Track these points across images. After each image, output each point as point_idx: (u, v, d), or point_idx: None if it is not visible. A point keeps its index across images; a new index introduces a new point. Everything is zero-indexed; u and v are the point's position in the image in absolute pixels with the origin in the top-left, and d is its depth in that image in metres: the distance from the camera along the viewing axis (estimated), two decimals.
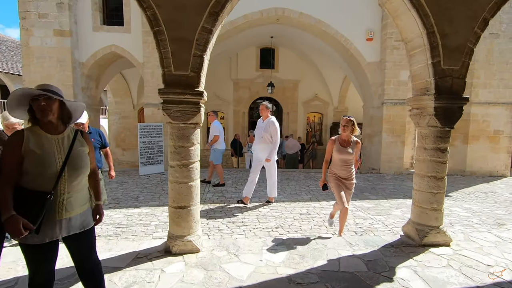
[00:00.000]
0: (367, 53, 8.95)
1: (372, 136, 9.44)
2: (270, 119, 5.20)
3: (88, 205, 1.85)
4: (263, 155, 5.21)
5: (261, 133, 5.15)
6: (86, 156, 1.79)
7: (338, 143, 3.54)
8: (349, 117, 3.52)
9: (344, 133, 3.48)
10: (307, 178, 7.99)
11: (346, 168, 3.55)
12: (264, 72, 13.24)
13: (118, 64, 10.14)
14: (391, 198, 6.10)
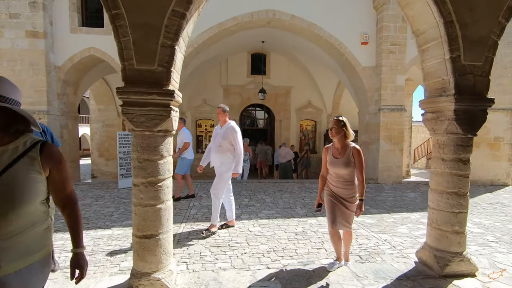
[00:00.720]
0: (362, 57, 8.56)
1: (369, 144, 8.98)
2: (229, 124, 4.33)
3: (42, 255, 1.25)
4: (225, 168, 4.25)
5: (219, 141, 4.24)
6: (32, 182, 1.21)
7: (331, 153, 2.86)
8: (339, 117, 2.81)
9: (334, 138, 2.79)
10: (302, 189, 7.43)
11: (343, 185, 2.79)
12: (256, 78, 12.78)
13: (99, 69, 9.51)
14: (393, 212, 5.57)
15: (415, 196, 7.01)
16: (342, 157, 2.74)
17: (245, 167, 9.74)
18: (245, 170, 9.79)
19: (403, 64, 8.30)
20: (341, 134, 2.76)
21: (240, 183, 8.11)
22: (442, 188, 2.75)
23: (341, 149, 2.79)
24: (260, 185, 7.85)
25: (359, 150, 2.75)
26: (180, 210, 5.41)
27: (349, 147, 2.76)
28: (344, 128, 2.76)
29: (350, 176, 2.77)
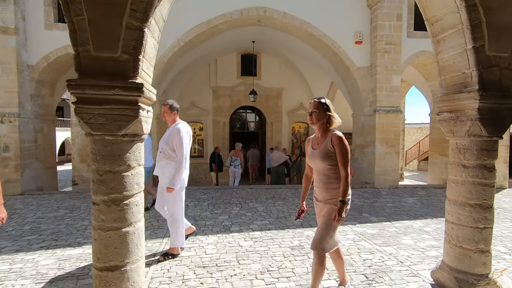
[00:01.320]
0: (356, 57, 8.26)
1: (364, 147, 8.66)
2: (176, 125, 3.45)
3: None
4: (166, 180, 3.38)
5: (161, 146, 3.47)
6: None
7: (311, 144, 2.38)
8: (320, 99, 2.29)
9: (314, 126, 2.27)
10: (295, 196, 7.01)
11: (321, 183, 2.28)
12: (246, 79, 12.37)
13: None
14: (394, 220, 5.21)
15: (414, 201, 6.68)
16: (320, 147, 2.24)
17: (236, 173, 9.28)
18: (237, 176, 9.33)
19: (398, 64, 8.03)
20: (323, 121, 2.24)
21: (230, 190, 7.64)
22: (464, 200, 2.36)
23: (320, 137, 2.28)
24: (251, 192, 7.40)
25: (341, 138, 2.19)
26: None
27: (329, 134, 2.23)
28: (327, 112, 2.24)
29: (330, 172, 2.20)
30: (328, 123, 2.26)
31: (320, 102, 2.28)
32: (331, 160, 2.19)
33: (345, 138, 2.26)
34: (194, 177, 12.81)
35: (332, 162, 2.19)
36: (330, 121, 2.26)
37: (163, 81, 8.61)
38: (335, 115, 2.28)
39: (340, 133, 2.26)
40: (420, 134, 19.03)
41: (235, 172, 9.30)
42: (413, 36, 8.37)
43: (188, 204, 6.03)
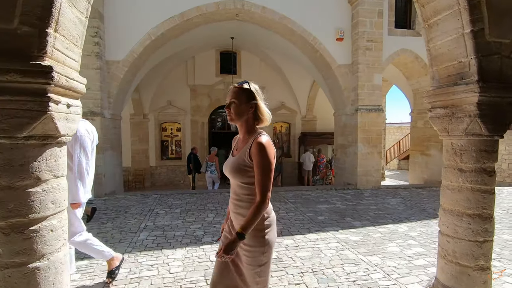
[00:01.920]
0: (337, 54, 8.01)
1: (346, 147, 8.43)
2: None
3: None
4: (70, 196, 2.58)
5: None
6: None
7: (233, 147, 1.78)
8: (243, 83, 1.63)
9: (233, 123, 1.65)
10: (275, 199, 6.63)
11: (231, 205, 1.69)
12: (225, 77, 11.90)
13: None
14: (378, 224, 4.93)
15: (397, 202, 6.48)
16: (237, 155, 1.63)
17: (214, 178, 8.80)
18: (215, 180, 8.85)
19: (380, 62, 7.85)
20: (247, 116, 1.60)
21: (206, 194, 7.16)
22: (461, 209, 2.04)
23: (242, 141, 1.67)
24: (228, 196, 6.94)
25: (263, 145, 1.50)
26: (126, 233, 4.37)
27: (252, 138, 1.58)
28: (252, 101, 1.58)
29: (243, 192, 1.59)
30: (255, 120, 1.61)
31: (241, 88, 1.59)
32: (246, 176, 1.54)
33: (272, 145, 1.56)
34: (172, 180, 12.20)
35: (246, 179, 1.55)
36: (257, 117, 1.61)
37: (134, 78, 7.99)
38: (264, 109, 1.61)
39: (265, 137, 1.55)
40: (400, 133, 19.27)
41: (212, 178, 8.82)
42: (394, 34, 8.23)
43: (158, 212, 5.51)
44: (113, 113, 7.37)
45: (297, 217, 5.25)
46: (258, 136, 1.56)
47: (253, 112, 1.61)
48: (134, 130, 11.74)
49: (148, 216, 5.25)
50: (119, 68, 7.11)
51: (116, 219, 5.10)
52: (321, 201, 6.54)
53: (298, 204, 6.18)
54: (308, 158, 10.69)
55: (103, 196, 6.78)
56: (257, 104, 1.60)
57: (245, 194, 1.59)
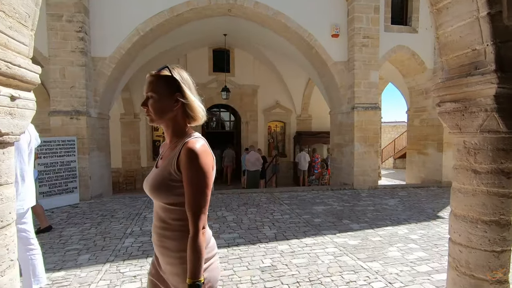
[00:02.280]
0: (333, 51, 7.80)
1: (343, 146, 8.23)
2: None
3: None
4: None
5: None
6: None
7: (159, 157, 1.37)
8: (162, 69, 1.22)
9: (153, 123, 1.25)
10: (270, 201, 6.40)
11: (154, 235, 1.26)
12: (219, 76, 11.63)
13: None
14: (377, 226, 4.72)
15: (395, 203, 6.29)
16: (161, 166, 1.24)
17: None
18: None
19: (376, 59, 7.66)
20: (172, 114, 1.20)
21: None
22: (475, 215, 1.82)
23: (169, 148, 1.27)
24: (222, 198, 6.70)
25: (195, 152, 1.12)
26: (111, 239, 4.09)
27: (181, 143, 1.19)
28: (179, 92, 1.18)
29: (169, 216, 1.19)
30: (185, 118, 1.21)
31: (161, 76, 1.19)
32: (173, 194, 1.15)
33: (209, 152, 1.17)
34: None
35: (173, 198, 1.15)
36: (187, 114, 1.21)
37: (123, 76, 7.68)
38: (196, 101, 1.20)
39: (199, 141, 1.16)
40: (395, 132, 19.18)
41: None
42: (390, 30, 8.05)
43: (146, 216, 5.23)
44: (100, 112, 7.05)
45: (292, 220, 5.02)
46: (188, 140, 1.15)
47: (180, 108, 1.19)
48: (125, 130, 11.40)
49: (136, 221, 4.97)
50: (106, 65, 6.79)
51: (101, 224, 4.81)
52: (317, 202, 6.32)
53: (293, 206, 5.95)
54: (303, 158, 10.49)
55: (89, 199, 6.47)
56: (184, 97, 1.17)
57: (174, 219, 1.17)
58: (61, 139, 5.90)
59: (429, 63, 8.38)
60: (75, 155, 6.11)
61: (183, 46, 10.19)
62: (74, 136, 6.16)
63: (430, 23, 7.93)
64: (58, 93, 6.28)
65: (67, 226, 4.72)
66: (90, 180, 6.49)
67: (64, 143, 5.91)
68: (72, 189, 6.05)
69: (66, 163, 5.95)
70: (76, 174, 6.13)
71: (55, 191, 5.79)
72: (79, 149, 6.30)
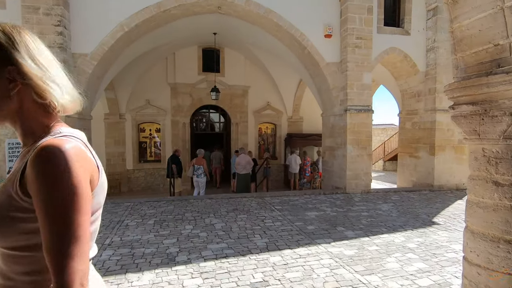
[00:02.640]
0: (326, 52, 7.62)
1: (335, 149, 8.05)
2: None
3: None
4: None
5: None
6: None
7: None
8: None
9: None
10: (261, 206, 6.13)
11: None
12: (208, 76, 11.29)
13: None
14: (373, 234, 4.52)
15: (389, 208, 6.13)
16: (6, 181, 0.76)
17: (201, 182, 8.22)
18: (201, 186, 8.27)
19: (369, 60, 7.52)
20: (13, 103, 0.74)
21: (185, 201, 6.55)
22: (497, 233, 1.60)
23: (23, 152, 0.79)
24: (210, 203, 6.38)
25: (51, 158, 0.67)
26: None
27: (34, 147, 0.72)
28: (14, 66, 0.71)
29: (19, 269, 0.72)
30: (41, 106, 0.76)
31: None
32: (18, 232, 0.71)
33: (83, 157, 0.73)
34: (151, 184, 11.46)
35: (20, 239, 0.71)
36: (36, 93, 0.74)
37: (106, 74, 7.27)
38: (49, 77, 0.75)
39: (65, 142, 0.71)
40: (385, 135, 19.28)
41: (199, 182, 8.25)
42: (383, 32, 7.95)
43: (128, 224, 4.87)
44: (80, 112, 6.61)
45: (284, 227, 4.77)
46: (44, 142, 0.71)
47: (25, 91, 0.73)
48: (109, 131, 10.92)
49: (116, 229, 4.61)
50: (87, 62, 6.39)
51: None
52: (310, 207, 6.10)
53: (285, 212, 5.71)
54: (294, 160, 10.27)
55: None
56: (22, 72, 0.72)
57: (22, 274, 0.72)
58: None
59: (421, 65, 8.32)
60: None
61: (172, 44, 9.83)
62: None
63: (422, 25, 7.85)
64: None
65: None
66: None
67: None
68: None
69: None
70: None
71: None
72: None
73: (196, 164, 8.16)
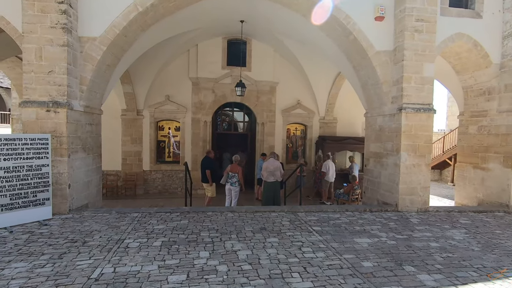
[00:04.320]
0: (376, 37, 6.26)
1: (383, 156, 6.65)
2: None
3: None
4: None
5: None
6: None
7: None
8: None
9: None
10: (296, 225, 4.90)
11: None
12: (233, 70, 10.25)
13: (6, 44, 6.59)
14: (461, 282, 3.16)
15: (463, 237, 4.68)
16: None
17: (234, 191, 7.21)
18: (234, 195, 7.25)
19: (432, 48, 6.07)
20: None
21: (202, 214, 5.46)
22: None
23: None
24: (232, 217, 5.25)
25: None
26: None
27: None
28: None
29: None
30: None
31: None
32: None
33: None
34: (168, 187, 10.58)
35: None
36: None
37: (118, 62, 6.38)
38: None
39: None
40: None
41: (232, 190, 7.23)
42: (448, 14, 6.44)
43: (129, 245, 3.84)
44: (87, 105, 5.76)
45: (331, 263, 3.52)
46: None
47: None
48: (126, 128, 10.18)
49: (113, 253, 3.59)
50: (95, 46, 5.51)
51: (64, 257, 3.45)
52: (358, 230, 4.78)
53: (327, 236, 4.44)
54: (332, 167, 8.92)
55: (66, 212, 5.17)
56: None
57: None
58: (29, 137, 4.61)
59: (496, 56, 6.70)
60: (48, 157, 4.81)
61: (193, 34, 8.87)
62: (48, 134, 4.86)
63: (498, 6, 6.17)
64: (33, 79, 5.01)
65: (16, 258, 3.38)
66: (69, 189, 5.18)
67: (33, 142, 4.62)
68: (43, 200, 4.75)
69: (35, 168, 4.66)
70: (49, 182, 4.83)
71: (19, 204, 4.50)
72: (55, 149, 5.01)
73: (231, 171, 7.18)
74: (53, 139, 5.00)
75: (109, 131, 9.76)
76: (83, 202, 5.78)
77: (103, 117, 6.64)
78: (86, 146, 5.87)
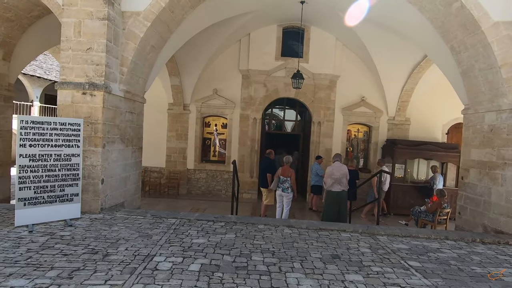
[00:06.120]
0: (492, 3, 4.59)
1: (494, 166, 4.88)
2: None
3: None
4: None
5: None
6: None
7: None
8: None
9: None
10: (379, 255, 3.51)
11: None
12: (288, 62, 9.12)
13: (46, 23, 6.22)
14: None
15: None
16: None
17: (286, 198, 6.13)
18: (286, 203, 6.17)
19: None
20: None
21: (252, 227, 4.33)
22: None
23: None
24: (290, 235, 4.05)
25: None
26: None
27: None
28: None
29: None
30: None
31: None
32: None
33: None
34: (212, 189, 9.78)
35: None
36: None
37: (165, 44, 5.63)
38: None
39: None
40: None
41: (283, 197, 6.14)
42: None
43: (159, 264, 2.86)
44: (128, 90, 5.09)
45: None
46: None
47: None
48: (172, 123, 9.65)
49: (135, 276, 2.63)
50: (139, 22, 4.80)
51: (75, 275, 2.58)
52: (479, 273, 3.22)
53: (436, 279, 2.98)
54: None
55: (97, 212, 4.46)
56: None
57: None
58: (59, 121, 3.98)
59: None
60: (80, 146, 4.14)
61: (246, 19, 7.93)
62: (80, 119, 4.20)
63: None
64: (70, 57, 4.43)
65: (19, 271, 2.61)
66: (102, 184, 4.49)
67: (63, 128, 3.97)
68: (71, 196, 4.08)
69: (64, 157, 4.01)
70: (79, 175, 4.15)
71: (44, 198, 3.86)
72: (88, 138, 4.36)
73: (282, 175, 6.07)
74: (87, 126, 4.35)
75: (155, 126, 9.32)
76: (119, 200, 5.09)
77: (148, 110, 6.03)
78: (125, 137, 5.19)
